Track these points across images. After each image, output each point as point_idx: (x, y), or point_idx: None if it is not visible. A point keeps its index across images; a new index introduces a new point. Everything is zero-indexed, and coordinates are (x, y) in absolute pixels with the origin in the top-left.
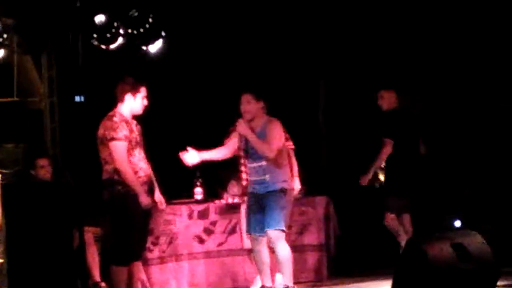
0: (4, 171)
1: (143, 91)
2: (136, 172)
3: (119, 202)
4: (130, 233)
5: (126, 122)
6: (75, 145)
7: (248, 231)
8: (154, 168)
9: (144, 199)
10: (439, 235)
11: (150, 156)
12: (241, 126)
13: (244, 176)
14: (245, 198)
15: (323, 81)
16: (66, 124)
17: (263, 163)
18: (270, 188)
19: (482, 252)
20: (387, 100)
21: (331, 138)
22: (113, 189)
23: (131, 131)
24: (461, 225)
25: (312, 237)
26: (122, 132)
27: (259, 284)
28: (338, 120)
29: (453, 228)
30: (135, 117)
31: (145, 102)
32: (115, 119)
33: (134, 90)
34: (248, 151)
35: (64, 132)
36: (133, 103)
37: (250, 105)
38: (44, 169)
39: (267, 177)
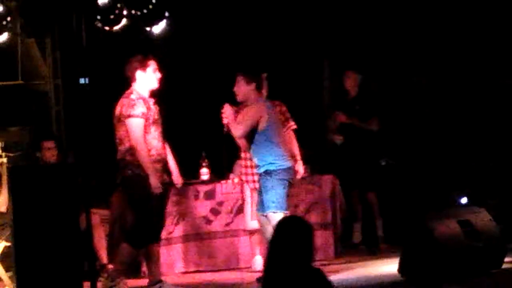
0: (10, 154)
1: (152, 64)
2: (148, 151)
3: (130, 185)
4: (143, 217)
5: (144, 99)
6: (80, 126)
7: (256, 209)
8: None
9: (154, 182)
10: (445, 212)
11: None
12: (225, 109)
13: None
14: (249, 178)
15: (327, 61)
16: (71, 106)
17: (253, 146)
18: (259, 170)
19: (489, 229)
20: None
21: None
22: (124, 172)
23: (148, 108)
24: (468, 201)
25: (318, 216)
26: (139, 109)
27: (259, 265)
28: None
29: (459, 204)
30: (153, 96)
31: (158, 74)
32: (132, 96)
33: (143, 66)
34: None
35: (69, 114)
36: (146, 79)
37: (240, 87)
38: (50, 151)
39: (255, 159)
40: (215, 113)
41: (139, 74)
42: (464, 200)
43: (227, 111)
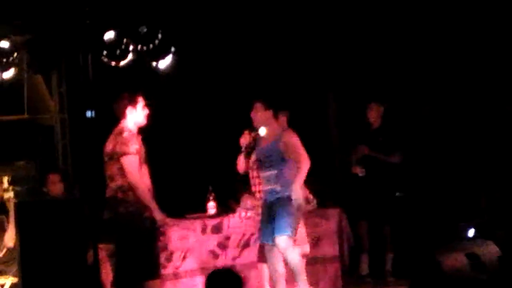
0: (16, 188)
1: (141, 101)
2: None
3: (121, 223)
4: (133, 254)
5: (135, 136)
6: (86, 160)
7: (261, 241)
8: (168, 182)
9: (158, 215)
10: (453, 244)
11: (163, 171)
12: (245, 138)
13: (256, 188)
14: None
15: (332, 93)
16: (77, 140)
17: (275, 171)
18: (279, 195)
19: (496, 261)
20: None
21: (344, 150)
22: (115, 209)
23: (140, 145)
24: (476, 233)
25: (326, 249)
26: (134, 146)
27: None
28: (351, 131)
29: (467, 237)
30: (140, 132)
31: (146, 111)
32: (125, 134)
33: (133, 102)
34: (261, 160)
35: (75, 147)
36: (135, 115)
37: (257, 113)
38: (55, 185)
39: (278, 185)
40: (221, 147)
41: (129, 110)
42: (471, 232)
43: (246, 139)
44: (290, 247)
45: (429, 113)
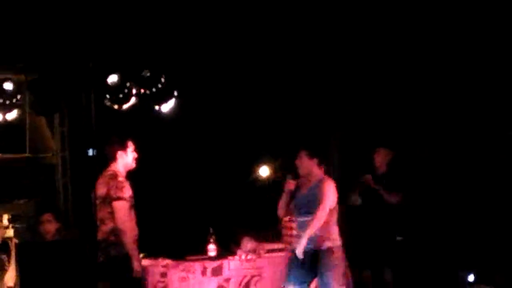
0: (16, 226)
1: (131, 145)
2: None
3: (114, 265)
4: None
5: (127, 181)
6: (87, 199)
7: (287, 284)
8: (169, 224)
9: (137, 265)
10: None
11: (165, 213)
12: (288, 185)
13: (287, 232)
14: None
15: (335, 142)
16: (78, 178)
17: (309, 218)
18: (313, 245)
19: None
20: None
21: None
22: (107, 252)
23: (131, 191)
24: (475, 279)
25: None
26: (128, 192)
27: None
28: (353, 175)
29: (467, 283)
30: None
31: (135, 154)
32: (120, 178)
33: (124, 146)
34: (297, 204)
35: (75, 186)
36: (125, 159)
37: (302, 161)
38: (45, 224)
39: (319, 236)
40: (222, 190)
41: (119, 154)
42: (471, 278)
43: (290, 186)
44: None
45: (429, 156)
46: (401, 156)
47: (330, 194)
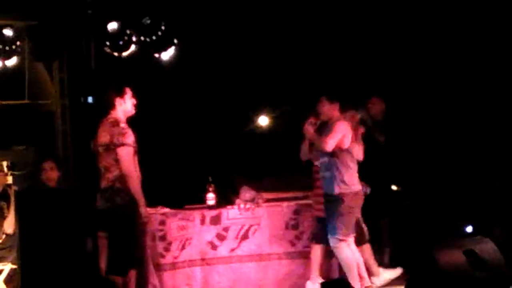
0: (15, 173)
1: (129, 92)
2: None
3: (118, 213)
4: (128, 243)
5: (129, 127)
6: (86, 147)
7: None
8: (168, 173)
9: (144, 211)
10: (451, 241)
11: (164, 162)
12: (306, 128)
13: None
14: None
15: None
16: (77, 126)
17: (325, 159)
18: (328, 190)
19: (494, 259)
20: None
21: None
22: (113, 200)
23: (134, 137)
24: (473, 231)
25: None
26: (131, 138)
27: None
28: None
29: (465, 234)
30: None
31: (133, 100)
32: (122, 125)
33: (122, 93)
34: (316, 148)
35: (75, 134)
36: (124, 106)
37: (324, 106)
38: (48, 172)
39: (326, 174)
40: (222, 138)
41: (118, 101)
42: (469, 229)
43: (310, 129)
44: (340, 247)
45: (429, 110)
46: (399, 108)
47: (338, 132)
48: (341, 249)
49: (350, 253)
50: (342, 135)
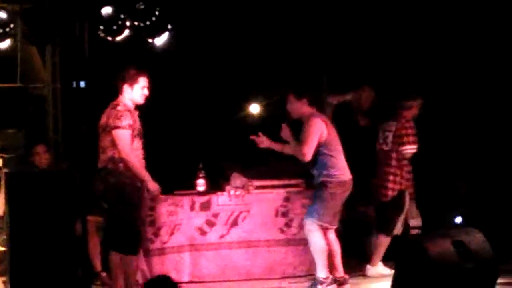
0: (5, 155)
1: (142, 81)
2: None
3: (113, 193)
4: (129, 223)
5: (130, 111)
6: (77, 132)
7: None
8: (158, 158)
9: (152, 185)
10: (440, 232)
11: (155, 147)
12: (284, 131)
13: None
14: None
15: (325, 77)
16: (69, 110)
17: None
18: (315, 181)
19: (483, 250)
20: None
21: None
22: (106, 180)
23: (134, 121)
24: (462, 221)
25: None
26: (126, 121)
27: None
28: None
29: (454, 224)
30: (137, 107)
31: (146, 92)
32: (119, 108)
33: (132, 81)
34: None
35: (66, 118)
36: (131, 93)
37: (292, 105)
38: (40, 155)
39: (314, 170)
40: (213, 125)
41: (125, 87)
42: (458, 220)
43: (286, 132)
44: (314, 231)
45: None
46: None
47: (313, 135)
48: (313, 232)
49: (321, 239)
50: (319, 134)
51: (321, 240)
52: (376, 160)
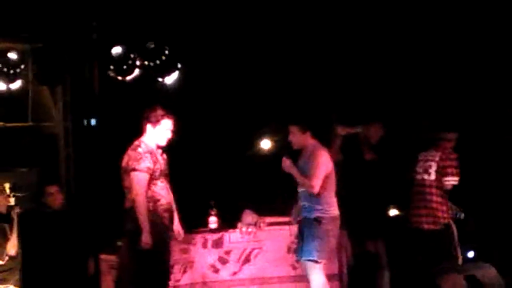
0: (18, 194)
1: (165, 124)
2: (158, 200)
3: (136, 235)
4: (152, 264)
5: (151, 152)
6: (89, 170)
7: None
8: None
9: (146, 238)
10: (452, 267)
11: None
12: (285, 164)
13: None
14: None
15: (335, 114)
16: (80, 149)
17: (304, 189)
18: (307, 215)
19: (495, 284)
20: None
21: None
22: (136, 219)
23: (155, 162)
24: (475, 255)
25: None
26: (145, 163)
27: None
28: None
29: (466, 259)
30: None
31: (169, 134)
32: (139, 149)
33: (155, 122)
34: None
35: (78, 157)
36: (154, 134)
37: (294, 136)
38: (53, 196)
39: (305, 203)
40: (225, 162)
41: (148, 127)
42: (471, 255)
43: (287, 164)
44: (315, 270)
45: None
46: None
47: (321, 167)
48: (315, 270)
49: (322, 276)
50: (326, 166)
51: (323, 278)
52: (410, 190)
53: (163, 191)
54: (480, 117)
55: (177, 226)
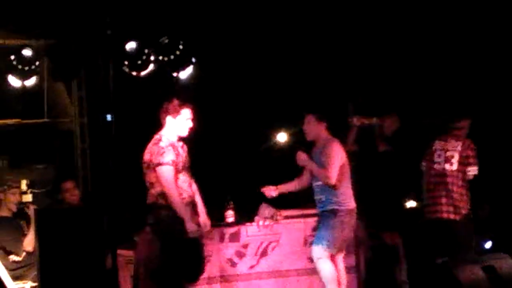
0: (35, 190)
1: (185, 113)
2: (180, 194)
3: (165, 226)
4: (177, 257)
5: (173, 146)
6: (105, 166)
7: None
8: None
9: (190, 226)
10: (469, 257)
11: None
12: (300, 158)
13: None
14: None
15: (351, 104)
16: (96, 144)
17: (319, 182)
18: (323, 208)
19: None
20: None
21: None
22: (158, 214)
23: (177, 155)
24: (492, 246)
25: (343, 259)
26: (169, 157)
27: None
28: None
29: (484, 250)
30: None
31: (190, 123)
32: (161, 144)
33: (175, 112)
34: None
35: (94, 152)
36: (175, 125)
37: (310, 125)
38: (69, 192)
39: (322, 197)
40: (241, 156)
41: (168, 119)
42: (488, 245)
43: (302, 157)
44: (323, 258)
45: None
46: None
47: (336, 157)
48: (322, 260)
49: (331, 266)
50: (340, 158)
51: (331, 268)
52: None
53: (184, 184)
54: (496, 105)
55: (203, 218)
